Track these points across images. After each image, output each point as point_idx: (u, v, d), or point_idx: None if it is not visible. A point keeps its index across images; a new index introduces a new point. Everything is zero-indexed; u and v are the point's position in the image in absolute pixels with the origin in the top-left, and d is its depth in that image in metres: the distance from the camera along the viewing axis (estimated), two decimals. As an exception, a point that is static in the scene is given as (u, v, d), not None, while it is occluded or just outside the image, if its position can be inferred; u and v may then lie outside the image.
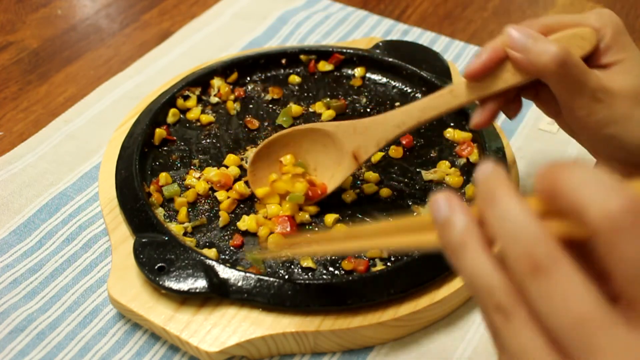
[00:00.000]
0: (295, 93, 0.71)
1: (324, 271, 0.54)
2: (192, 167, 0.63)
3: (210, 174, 0.61)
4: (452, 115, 0.67)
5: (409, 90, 0.71)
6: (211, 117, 0.68)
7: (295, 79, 0.72)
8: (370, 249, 0.52)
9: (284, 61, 0.73)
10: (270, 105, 0.70)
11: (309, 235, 0.54)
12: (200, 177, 0.62)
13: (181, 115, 0.68)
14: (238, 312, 0.51)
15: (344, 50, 0.73)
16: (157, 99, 0.67)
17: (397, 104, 0.70)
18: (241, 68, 0.72)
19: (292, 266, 0.55)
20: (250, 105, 0.70)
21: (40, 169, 0.66)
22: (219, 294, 0.51)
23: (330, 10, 0.87)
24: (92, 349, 0.52)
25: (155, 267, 0.52)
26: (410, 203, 0.60)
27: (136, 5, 0.89)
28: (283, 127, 0.67)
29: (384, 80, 0.72)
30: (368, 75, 0.73)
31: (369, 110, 0.69)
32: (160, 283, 0.51)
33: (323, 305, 0.51)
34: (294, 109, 0.68)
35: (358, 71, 0.73)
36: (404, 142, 0.65)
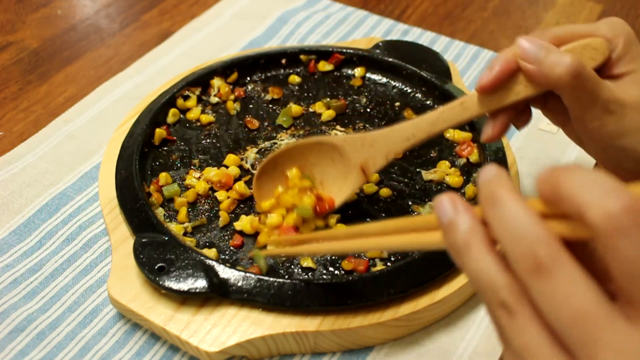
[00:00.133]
0: (295, 93, 0.71)
1: (324, 271, 0.54)
2: (192, 167, 0.63)
3: (210, 174, 0.61)
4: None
5: (409, 90, 0.71)
6: (211, 117, 0.68)
7: (295, 79, 0.72)
8: (374, 249, 0.51)
9: (284, 61, 0.73)
10: (270, 105, 0.70)
11: (311, 234, 0.54)
12: (200, 177, 0.62)
13: (181, 115, 0.68)
14: (238, 312, 0.51)
15: (344, 50, 0.73)
16: (157, 99, 0.67)
17: (397, 104, 0.70)
18: (241, 68, 0.72)
19: (292, 266, 0.55)
20: (250, 105, 0.70)
21: (40, 169, 0.66)
22: (219, 294, 0.51)
23: (330, 10, 0.87)
24: (92, 349, 0.52)
25: (155, 267, 0.52)
26: (410, 203, 0.60)
27: (136, 5, 0.89)
28: (283, 127, 0.67)
29: (384, 80, 0.72)
30: (368, 75, 0.73)
31: (369, 110, 0.69)
32: (160, 283, 0.51)
33: (323, 305, 0.51)
34: (294, 109, 0.68)
35: (358, 71, 0.73)
36: (404, 142, 0.65)
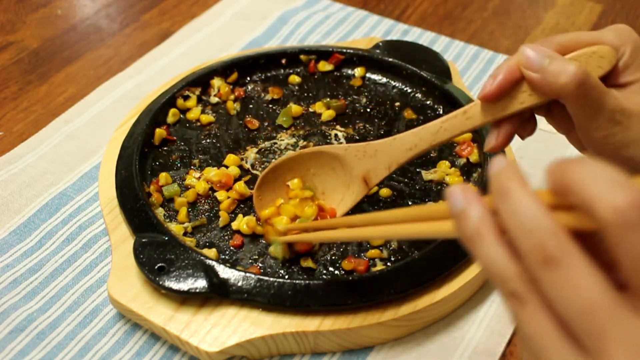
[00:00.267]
0: (295, 93, 0.71)
1: (324, 271, 0.54)
2: (192, 167, 0.63)
3: (210, 174, 0.61)
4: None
5: (409, 90, 0.71)
6: (211, 117, 0.68)
7: (295, 79, 0.72)
8: (386, 236, 0.51)
9: (284, 61, 0.73)
10: (270, 105, 0.70)
11: (326, 221, 0.53)
12: (200, 177, 0.62)
13: (181, 115, 0.68)
14: (238, 312, 0.51)
15: (344, 50, 0.73)
16: (157, 99, 0.67)
17: (397, 104, 0.70)
18: (241, 68, 0.72)
19: (292, 266, 0.55)
20: (250, 105, 0.70)
21: (40, 169, 0.66)
22: (219, 294, 0.51)
23: (330, 10, 0.87)
24: (92, 349, 0.52)
25: (155, 267, 0.52)
26: (410, 203, 0.60)
27: (136, 5, 0.89)
28: (283, 127, 0.67)
29: (384, 80, 0.72)
30: (368, 75, 0.73)
31: (369, 110, 0.69)
32: (160, 283, 0.51)
33: (323, 305, 0.51)
34: (294, 109, 0.68)
35: (358, 71, 0.73)
36: (404, 142, 0.65)
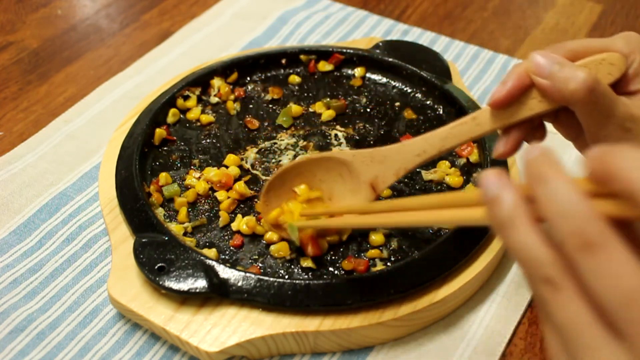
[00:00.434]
0: (295, 93, 0.71)
1: (324, 271, 0.54)
2: (192, 167, 0.63)
3: (210, 174, 0.61)
4: (452, 115, 0.67)
5: (409, 90, 0.71)
6: (211, 117, 0.68)
7: (295, 79, 0.72)
8: (411, 223, 0.49)
9: (284, 61, 0.73)
10: (270, 105, 0.70)
11: (347, 206, 0.53)
12: (200, 177, 0.62)
13: (181, 115, 0.68)
14: (238, 312, 0.51)
15: (344, 50, 0.73)
16: (157, 99, 0.67)
17: (397, 104, 0.70)
18: (241, 68, 0.72)
19: (292, 266, 0.55)
20: (250, 105, 0.70)
21: (40, 169, 0.66)
22: (219, 294, 0.51)
23: (330, 10, 0.87)
24: (92, 349, 0.52)
25: (155, 267, 0.52)
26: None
27: (136, 5, 0.89)
28: (283, 127, 0.67)
29: (384, 80, 0.72)
30: (368, 75, 0.73)
31: (369, 110, 0.69)
32: (160, 283, 0.51)
33: (323, 305, 0.51)
34: (294, 109, 0.68)
35: (358, 71, 0.73)
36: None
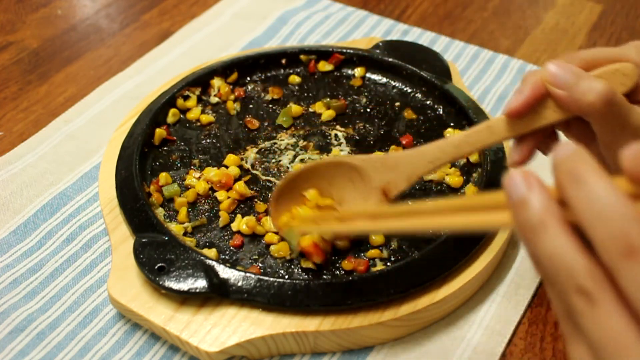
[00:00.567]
0: (295, 93, 0.71)
1: (324, 271, 0.54)
2: (192, 167, 0.63)
3: (210, 174, 0.61)
4: (452, 115, 0.67)
5: (409, 90, 0.71)
6: (211, 117, 0.68)
7: (295, 79, 0.72)
8: (427, 228, 0.46)
9: (284, 61, 0.73)
10: (270, 105, 0.70)
11: (358, 209, 0.52)
12: (200, 177, 0.62)
13: (181, 115, 0.68)
14: (238, 312, 0.51)
15: (344, 50, 0.73)
16: (157, 99, 0.67)
17: (397, 104, 0.70)
18: (241, 68, 0.72)
19: (292, 266, 0.55)
20: (250, 105, 0.70)
21: (40, 169, 0.66)
22: (219, 294, 0.51)
23: (330, 10, 0.87)
24: (92, 349, 0.52)
25: (155, 267, 0.52)
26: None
27: (136, 5, 0.89)
28: (283, 127, 0.67)
29: (384, 80, 0.72)
30: (368, 75, 0.73)
31: (369, 110, 0.69)
32: (160, 283, 0.51)
33: (323, 305, 0.51)
34: (294, 109, 0.68)
35: (358, 71, 0.73)
36: (404, 142, 0.65)
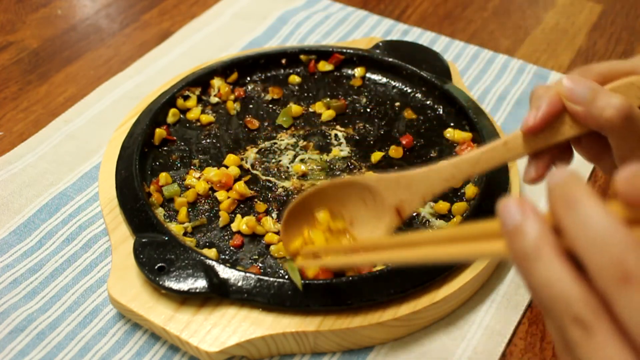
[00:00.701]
0: (295, 93, 0.71)
1: (324, 271, 0.54)
2: (192, 167, 0.63)
3: (210, 174, 0.61)
4: (452, 115, 0.67)
5: (409, 90, 0.71)
6: (211, 117, 0.68)
7: (295, 79, 0.72)
8: (425, 259, 0.45)
9: (284, 61, 0.73)
10: (270, 105, 0.70)
11: (357, 242, 0.51)
12: (200, 177, 0.62)
13: (181, 115, 0.68)
14: (238, 312, 0.51)
15: (344, 50, 0.73)
16: (157, 99, 0.67)
17: (397, 104, 0.70)
18: (241, 68, 0.72)
19: (292, 266, 0.55)
20: (250, 105, 0.70)
21: (40, 169, 0.66)
22: (219, 294, 0.51)
23: (330, 10, 0.87)
24: (92, 349, 0.52)
25: (155, 267, 0.52)
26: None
27: (136, 5, 0.89)
28: (283, 127, 0.67)
29: (384, 80, 0.72)
30: (368, 75, 0.73)
31: (369, 110, 0.69)
32: (160, 283, 0.51)
33: (323, 305, 0.51)
34: (294, 109, 0.68)
35: (358, 71, 0.73)
36: (404, 142, 0.65)
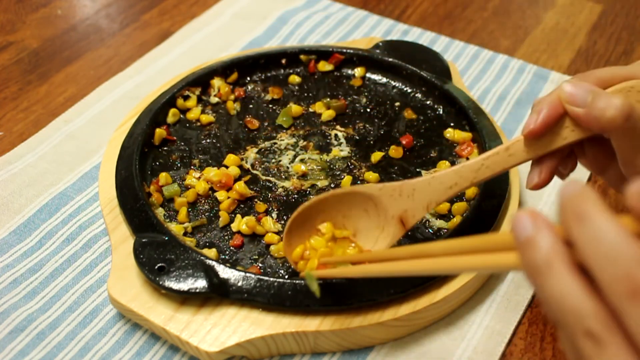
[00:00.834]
0: (295, 93, 0.71)
1: (324, 271, 0.54)
2: (192, 167, 0.63)
3: (210, 174, 0.61)
4: (452, 115, 0.67)
5: (409, 90, 0.71)
6: (211, 117, 0.68)
7: (295, 79, 0.72)
8: (437, 271, 0.45)
9: (284, 61, 0.73)
10: (270, 105, 0.70)
11: (370, 253, 0.51)
12: (200, 177, 0.62)
13: (181, 115, 0.68)
14: (238, 312, 0.51)
15: (344, 50, 0.73)
16: (157, 99, 0.67)
17: (397, 104, 0.70)
18: (241, 68, 0.72)
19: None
20: (250, 105, 0.70)
21: (40, 169, 0.66)
22: (219, 294, 0.51)
23: (330, 10, 0.87)
24: (92, 349, 0.52)
25: (155, 267, 0.52)
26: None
27: (136, 5, 0.89)
28: (283, 127, 0.67)
29: (384, 80, 0.72)
30: (368, 75, 0.73)
31: (369, 110, 0.69)
32: (160, 283, 0.51)
33: (323, 305, 0.51)
34: (294, 109, 0.68)
35: (358, 71, 0.73)
36: (404, 142, 0.65)
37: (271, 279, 0.51)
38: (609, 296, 0.26)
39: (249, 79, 0.72)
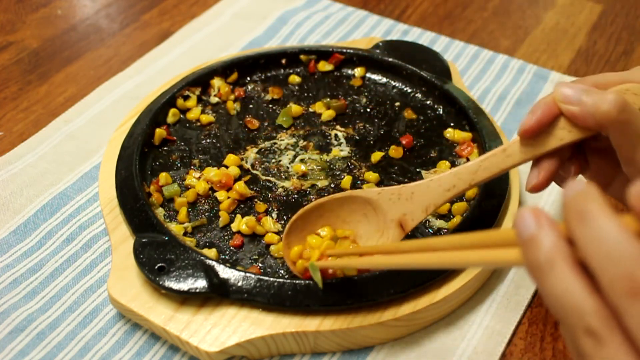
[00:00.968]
0: (295, 93, 0.71)
1: (324, 271, 0.54)
2: (192, 167, 0.63)
3: (210, 174, 0.61)
4: (452, 115, 0.67)
5: (409, 90, 0.71)
6: (211, 117, 0.68)
7: (295, 79, 0.72)
8: (441, 264, 0.45)
9: (284, 61, 0.73)
10: (270, 105, 0.70)
11: (374, 246, 0.51)
12: (200, 177, 0.62)
13: (181, 115, 0.68)
14: (238, 312, 0.51)
15: (344, 50, 0.73)
16: (157, 99, 0.67)
17: (397, 104, 0.70)
18: (241, 68, 0.72)
19: (292, 266, 0.55)
20: (250, 105, 0.70)
21: (40, 169, 0.66)
22: (219, 294, 0.51)
23: (330, 10, 0.87)
24: (92, 349, 0.52)
25: (155, 267, 0.52)
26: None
27: (136, 5, 0.89)
28: (283, 127, 0.67)
29: (384, 80, 0.72)
30: (368, 75, 0.73)
31: (369, 110, 0.69)
32: (160, 283, 0.51)
33: (323, 305, 0.51)
34: (294, 109, 0.68)
35: (358, 71, 0.73)
36: (404, 142, 0.65)
37: (271, 279, 0.51)
38: (609, 295, 0.27)
39: (249, 79, 0.72)
